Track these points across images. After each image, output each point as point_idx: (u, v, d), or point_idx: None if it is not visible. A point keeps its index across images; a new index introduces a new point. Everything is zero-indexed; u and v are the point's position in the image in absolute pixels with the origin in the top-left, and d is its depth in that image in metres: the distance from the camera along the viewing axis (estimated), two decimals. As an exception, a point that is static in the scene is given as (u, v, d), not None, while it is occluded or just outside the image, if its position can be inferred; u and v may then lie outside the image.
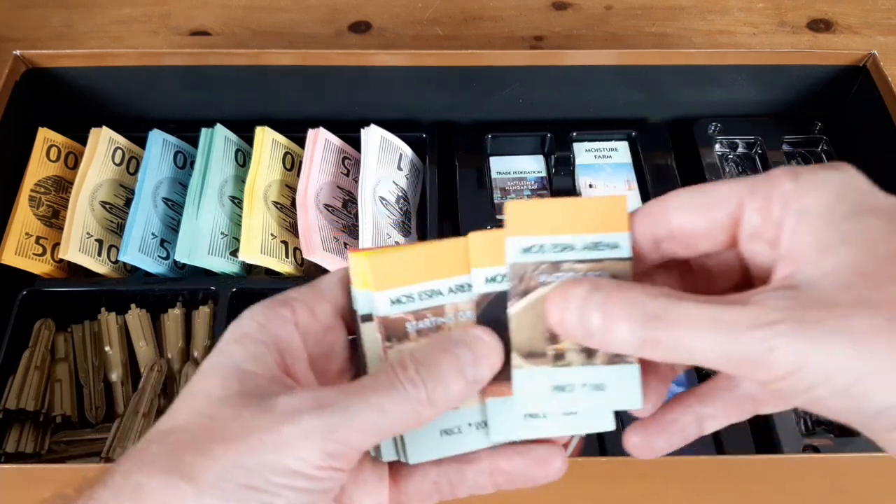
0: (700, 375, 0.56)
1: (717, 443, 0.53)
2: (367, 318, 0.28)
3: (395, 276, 0.28)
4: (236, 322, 0.27)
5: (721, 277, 0.28)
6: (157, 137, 0.63)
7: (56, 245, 0.59)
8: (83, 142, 0.63)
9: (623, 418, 0.28)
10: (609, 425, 0.28)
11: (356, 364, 0.29)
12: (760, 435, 0.53)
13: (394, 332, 0.28)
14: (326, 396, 0.25)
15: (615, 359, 0.27)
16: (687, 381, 0.56)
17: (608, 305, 0.24)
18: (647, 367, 0.28)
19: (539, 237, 0.27)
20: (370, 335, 0.28)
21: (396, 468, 0.29)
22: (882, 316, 0.22)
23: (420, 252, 0.28)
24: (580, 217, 0.27)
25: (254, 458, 0.23)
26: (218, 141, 0.63)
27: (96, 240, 0.59)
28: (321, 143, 0.63)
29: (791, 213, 0.25)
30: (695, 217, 0.26)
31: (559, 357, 0.27)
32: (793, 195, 0.25)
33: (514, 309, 0.27)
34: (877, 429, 0.23)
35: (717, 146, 0.69)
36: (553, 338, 0.27)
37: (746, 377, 0.25)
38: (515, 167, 0.69)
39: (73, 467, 0.52)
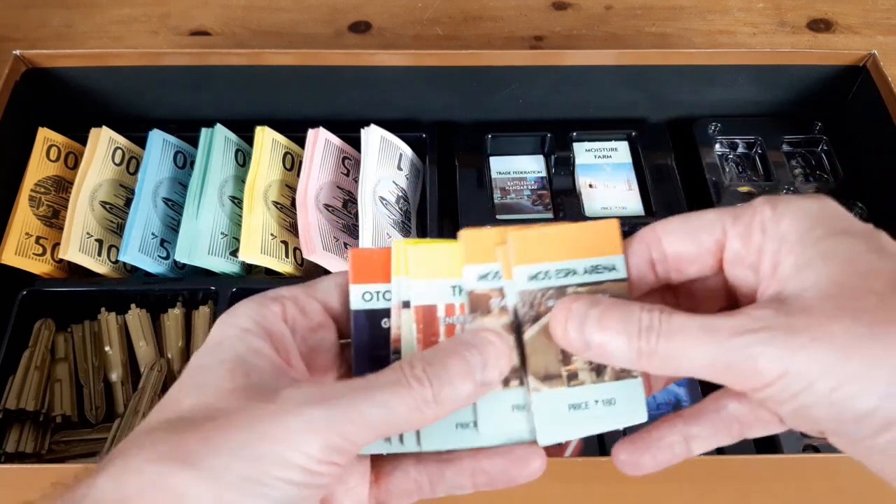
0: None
1: (717, 443, 0.53)
2: (406, 304, 0.29)
3: (482, 252, 0.29)
4: (229, 317, 0.28)
5: (706, 302, 0.30)
6: (157, 137, 0.63)
7: (56, 245, 0.59)
8: (83, 142, 0.63)
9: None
10: (642, 419, 0.29)
11: (348, 362, 0.30)
12: (760, 435, 0.53)
13: (478, 305, 0.29)
14: (332, 391, 0.25)
15: (621, 374, 0.28)
16: (690, 397, 0.56)
17: (605, 319, 0.26)
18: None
19: (543, 264, 0.28)
20: (407, 322, 0.29)
21: (378, 466, 0.30)
22: (863, 322, 0.23)
23: (503, 231, 0.30)
24: (578, 242, 0.29)
25: (255, 448, 0.23)
26: (218, 141, 0.63)
27: (96, 240, 0.59)
28: (321, 143, 0.63)
29: (770, 238, 0.26)
30: (684, 242, 0.28)
31: (572, 377, 0.28)
32: (771, 222, 0.26)
33: (528, 335, 0.28)
34: (861, 437, 0.24)
35: (717, 146, 0.69)
36: (566, 359, 0.28)
37: (735, 386, 0.26)
38: (515, 167, 0.69)
39: (73, 467, 0.52)
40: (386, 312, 0.30)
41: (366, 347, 0.29)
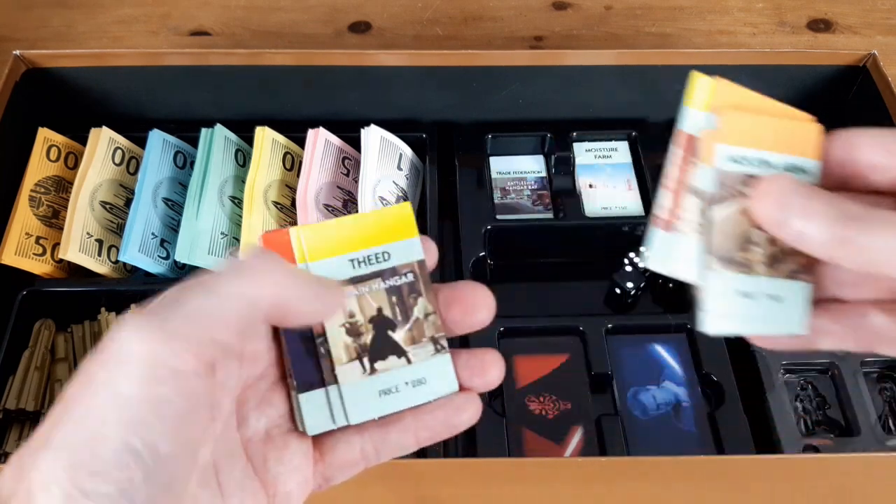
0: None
1: (717, 443, 0.53)
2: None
3: (739, 135, 0.29)
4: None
5: None
6: (157, 137, 0.63)
7: (56, 245, 0.59)
8: (83, 142, 0.63)
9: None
10: (803, 329, 0.29)
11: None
12: (760, 435, 0.53)
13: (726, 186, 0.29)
14: (151, 307, 0.24)
15: (793, 274, 0.29)
16: (690, 397, 0.56)
17: (810, 199, 0.26)
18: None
19: (745, 149, 0.29)
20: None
21: (321, 442, 0.30)
22: None
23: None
24: (781, 136, 0.29)
25: (91, 404, 0.23)
26: (218, 141, 0.63)
27: (96, 240, 0.59)
28: (321, 143, 0.63)
29: None
30: (879, 151, 0.28)
31: (748, 265, 0.29)
32: None
33: (716, 214, 0.28)
34: None
35: (717, 146, 0.69)
36: (746, 247, 0.29)
37: None
38: (515, 167, 0.69)
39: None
40: None
41: (295, 333, 0.30)
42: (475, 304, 0.31)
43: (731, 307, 0.28)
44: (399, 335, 0.31)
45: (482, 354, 0.31)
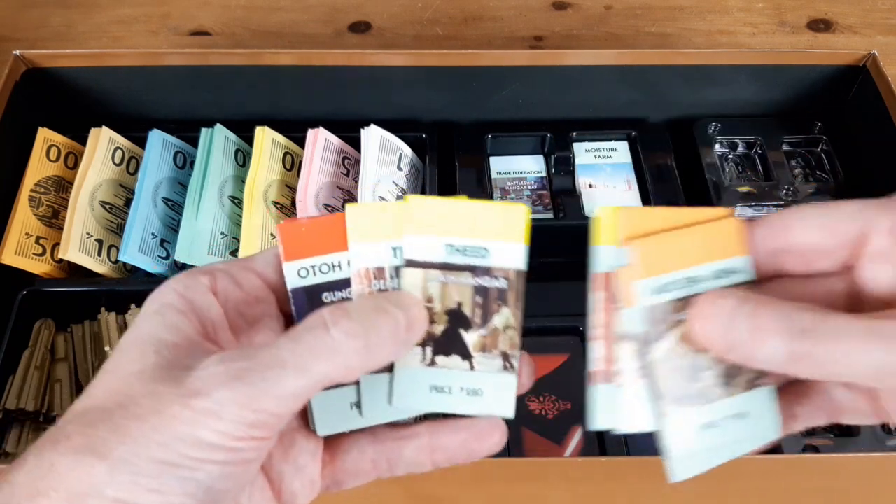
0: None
1: (717, 443, 0.53)
2: (411, 263, 0.28)
3: (656, 263, 0.27)
4: (156, 292, 0.27)
5: (820, 301, 0.27)
6: (157, 137, 0.63)
7: (56, 245, 0.59)
8: (83, 142, 0.63)
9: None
10: (777, 433, 0.27)
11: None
12: (760, 435, 0.53)
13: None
14: (242, 365, 0.24)
15: (751, 383, 0.26)
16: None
17: (757, 317, 0.24)
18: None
19: (669, 275, 0.26)
20: (411, 281, 0.28)
21: (333, 445, 0.29)
22: None
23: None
24: (700, 245, 0.26)
25: (166, 433, 0.23)
26: (218, 141, 0.63)
27: (96, 240, 0.59)
28: (321, 143, 0.63)
29: None
30: (819, 233, 0.26)
31: (702, 395, 0.26)
32: None
33: (656, 354, 0.26)
34: None
35: (717, 146, 0.69)
36: (695, 377, 0.26)
37: None
38: (515, 167, 0.69)
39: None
40: (326, 286, 0.28)
41: None
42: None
43: (698, 444, 0.26)
44: (471, 338, 0.28)
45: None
